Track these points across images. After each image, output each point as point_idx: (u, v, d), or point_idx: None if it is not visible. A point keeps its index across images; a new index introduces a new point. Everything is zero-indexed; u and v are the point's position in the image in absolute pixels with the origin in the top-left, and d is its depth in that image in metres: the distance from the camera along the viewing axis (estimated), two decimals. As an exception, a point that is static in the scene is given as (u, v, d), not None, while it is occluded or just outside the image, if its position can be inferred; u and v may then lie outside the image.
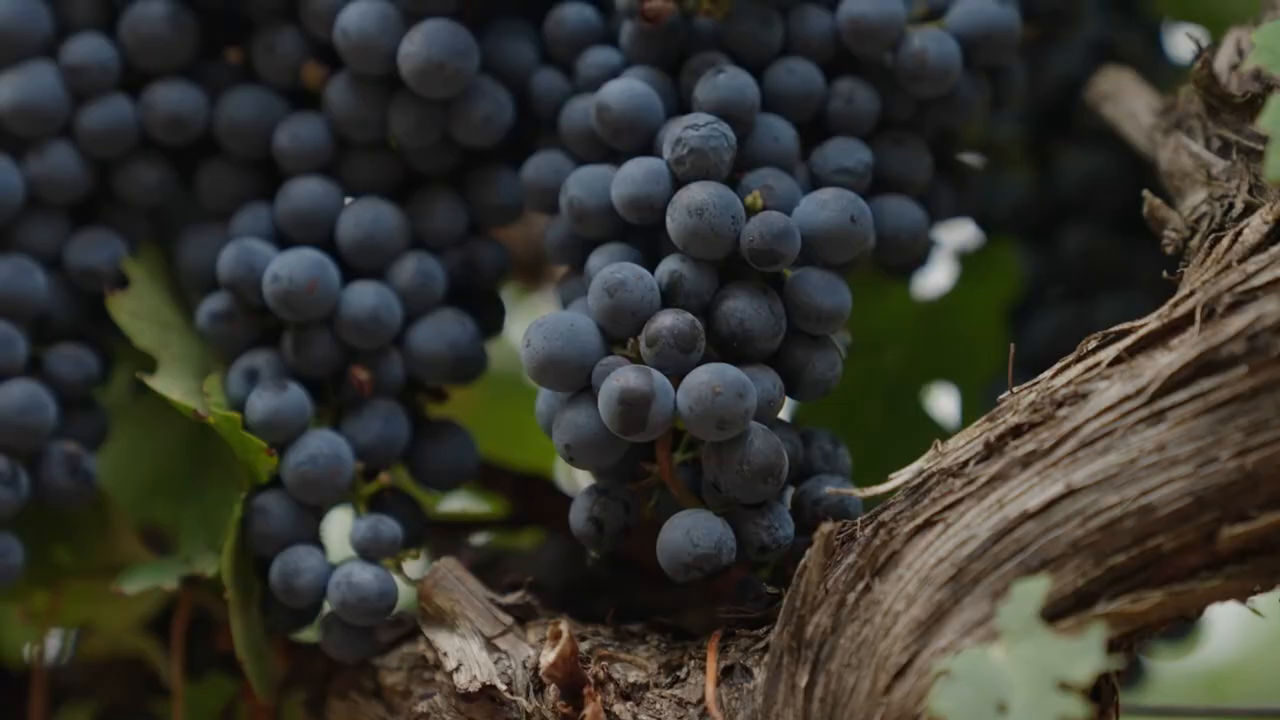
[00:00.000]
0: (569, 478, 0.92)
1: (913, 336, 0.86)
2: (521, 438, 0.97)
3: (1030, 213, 0.87)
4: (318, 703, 0.74)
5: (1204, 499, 0.62)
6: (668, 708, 0.68)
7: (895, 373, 0.86)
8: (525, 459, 0.88)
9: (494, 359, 0.81)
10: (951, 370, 0.86)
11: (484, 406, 1.00)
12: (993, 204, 0.87)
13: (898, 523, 0.65)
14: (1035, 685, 0.58)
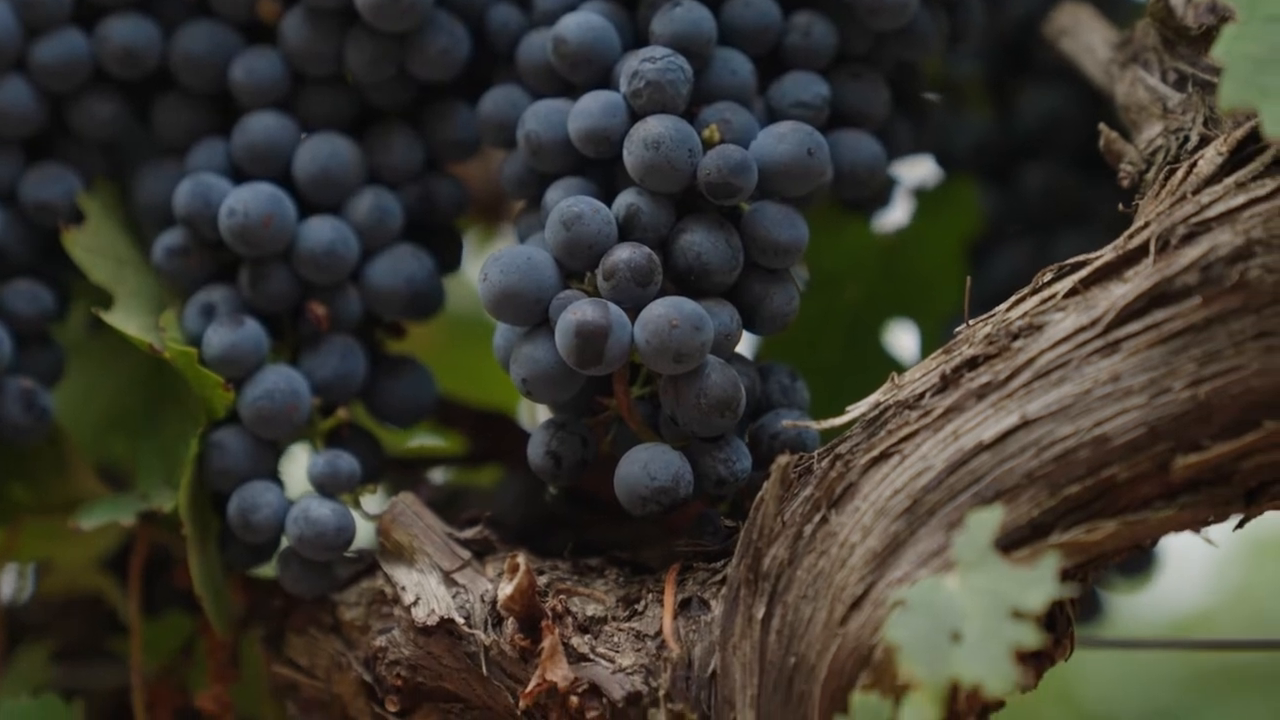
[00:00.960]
0: (530, 416, 0.92)
1: (872, 273, 0.86)
2: (482, 380, 0.97)
3: (990, 151, 0.87)
4: (276, 638, 0.74)
5: (1157, 429, 0.62)
6: (625, 640, 0.68)
7: (855, 309, 0.86)
8: (486, 401, 0.88)
9: (454, 301, 0.81)
10: (911, 307, 0.86)
11: (444, 348, 1.00)
12: (952, 142, 0.87)
13: (854, 455, 0.66)
14: (989, 614, 0.58)
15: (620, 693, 0.66)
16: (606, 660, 0.67)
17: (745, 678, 0.65)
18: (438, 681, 0.69)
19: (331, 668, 0.72)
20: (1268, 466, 0.62)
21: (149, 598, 0.77)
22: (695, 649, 0.66)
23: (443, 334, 1.01)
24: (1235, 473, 0.62)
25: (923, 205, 0.87)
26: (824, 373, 0.81)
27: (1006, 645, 0.57)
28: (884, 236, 0.87)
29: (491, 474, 0.85)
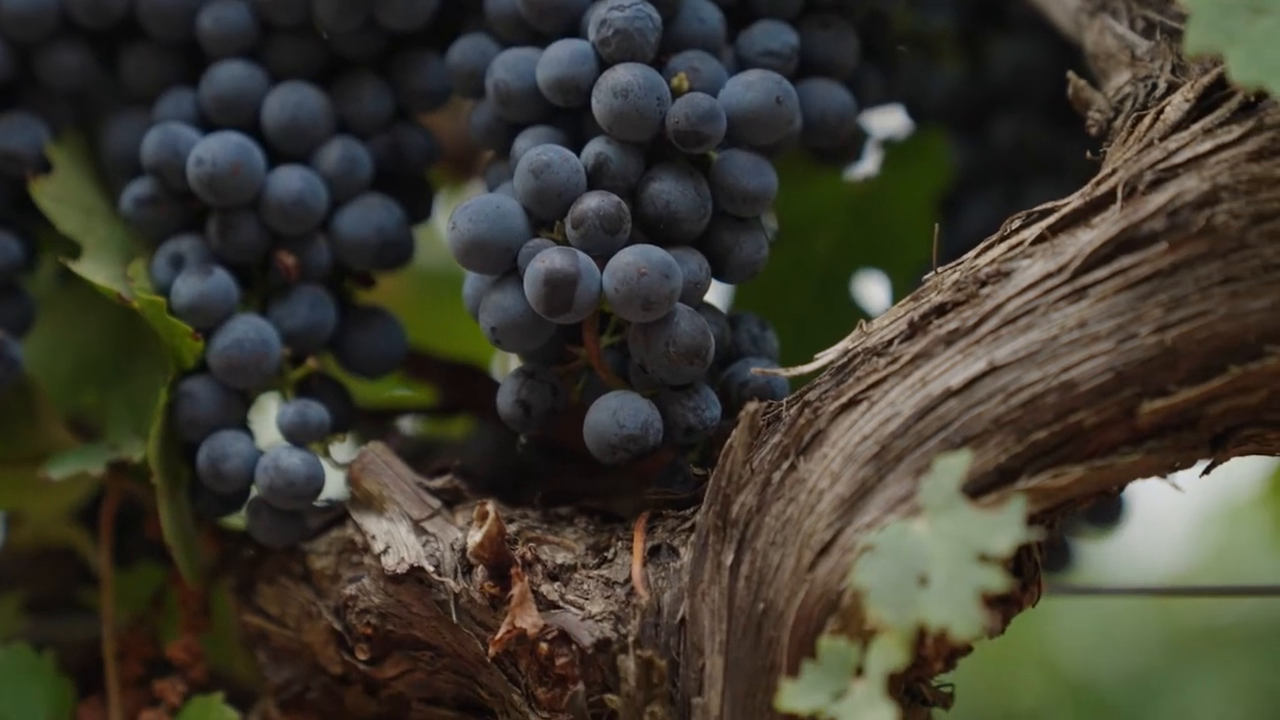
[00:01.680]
0: (503, 369, 0.92)
1: (843, 224, 0.86)
2: (453, 335, 0.97)
3: (961, 103, 0.87)
4: (247, 588, 0.74)
5: (1124, 374, 0.62)
6: (595, 588, 0.68)
7: (826, 260, 0.86)
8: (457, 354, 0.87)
9: (425, 255, 0.81)
10: (881, 258, 0.86)
11: (415, 303, 1.00)
12: (923, 94, 0.87)
13: (823, 402, 0.66)
14: (956, 558, 0.58)
15: (589, 639, 0.66)
16: (576, 607, 0.67)
17: (714, 624, 0.65)
18: (407, 629, 0.70)
19: (302, 616, 0.72)
20: (1234, 412, 0.63)
21: (120, 549, 0.77)
22: (664, 596, 0.67)
23: (414, 288, 1.00)
24: (1201, 418, 0.63)
25: (893, 157, 0.87)
26: (794, 323, 0.81)
27: (973, 589, 0.57)
28: (854, 187, 0.87)
29: (463, 426, 0.85)
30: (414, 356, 0.81)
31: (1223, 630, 2.63)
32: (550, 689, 0.67)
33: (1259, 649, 2.61)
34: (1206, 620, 2.65)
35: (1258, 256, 0.61)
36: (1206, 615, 2.66)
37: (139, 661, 0.74)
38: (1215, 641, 2.61)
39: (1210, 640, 2.61)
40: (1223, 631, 2.63)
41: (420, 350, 0.82)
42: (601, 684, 0.66)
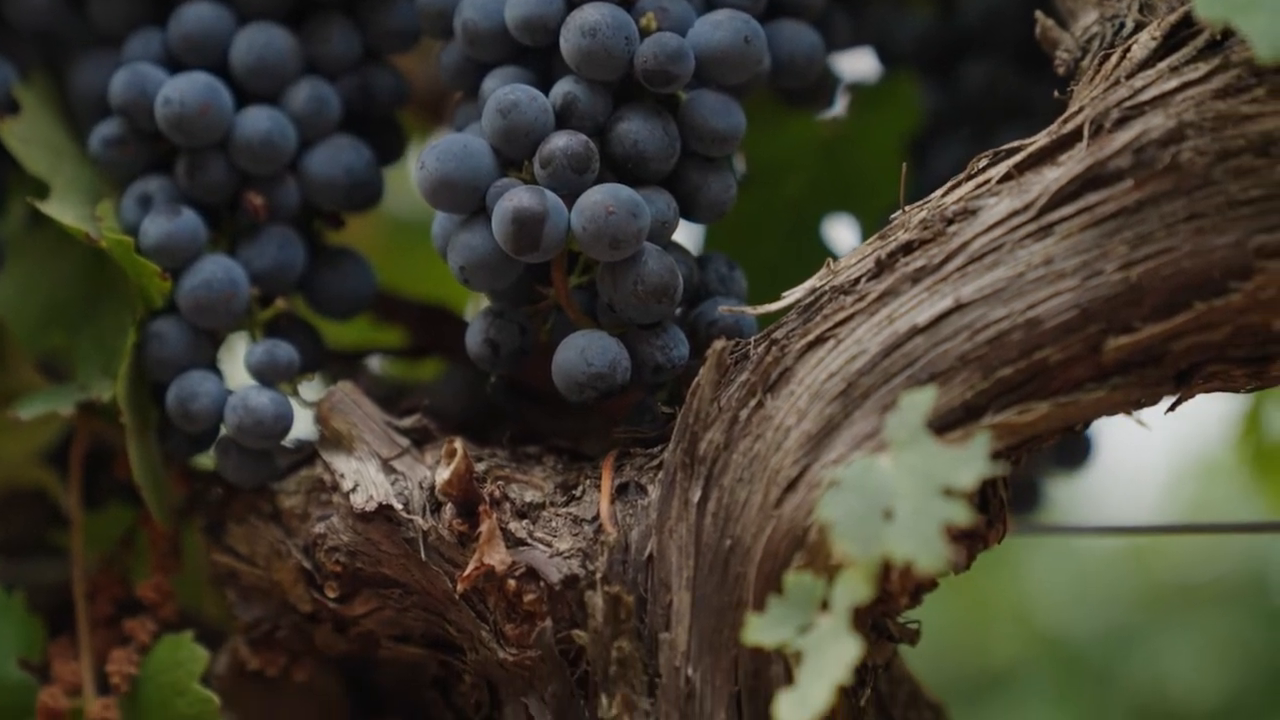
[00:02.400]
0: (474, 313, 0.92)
1: (813, 167, 0.86)
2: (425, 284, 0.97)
3: (931, 46, 0.87)
4: (216, 528, 0.74)
5: (1089, 311, 0.62)
6: (563, 525, 0.68)
7: (796, 203, 0.86)
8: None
9: (398, 204, 0.81)
10: (851, 201, 0.86)
11: (387, 252, 0.99)
12: (893, 38, 0.87)
13: (790, 340, 0.66)
14: (921, 493, 0.59)
15: (557, 576, 0.67)
16: (544, 544, 0.67)
17: (681, 560, 0.65)
18: (376, 567, 0.70)
19: (271, 555, 0.73)
20: (1198, 348, 0.63)
21: (91, 492, 0.77)
22: (632, 533, 0.67)
23: (385, 236, 1.00)
24: (1166, 354, 0.63)
25: (864, 100, 0.87)
26: (765, 266, 0.81)
27: (938, 523, 0.58)
28: (824, 131, 0.87)
29: (433, 369, 0.85)
30: (384, 299, 0.81)
31: (1198, 587, 2.65)
32: (518, 625, 0.67)
33: (1233, 605, 2.62)
34: (1182, 577, 2.66)
35: (1222, 193, 0.62)
36: (1182, 572, 2.67)
37: (109, 601, 0.74)
38: (1190, 597, 2.63)
39: (1185, 596, 2.63)
40: (1198, 588, 2.64)
41: (390, 292, 0.82)
42: (569, 620, 0.66)
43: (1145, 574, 2.71)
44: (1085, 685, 2.64)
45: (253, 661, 0.73)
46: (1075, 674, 2.66)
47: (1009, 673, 2.64)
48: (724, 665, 0.65)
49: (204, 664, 0.70)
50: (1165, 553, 2.70)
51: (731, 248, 0.79)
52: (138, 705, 0.71)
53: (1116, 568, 2.71)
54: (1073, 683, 2.63)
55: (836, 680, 0.57)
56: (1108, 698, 2.62)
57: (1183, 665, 2.54)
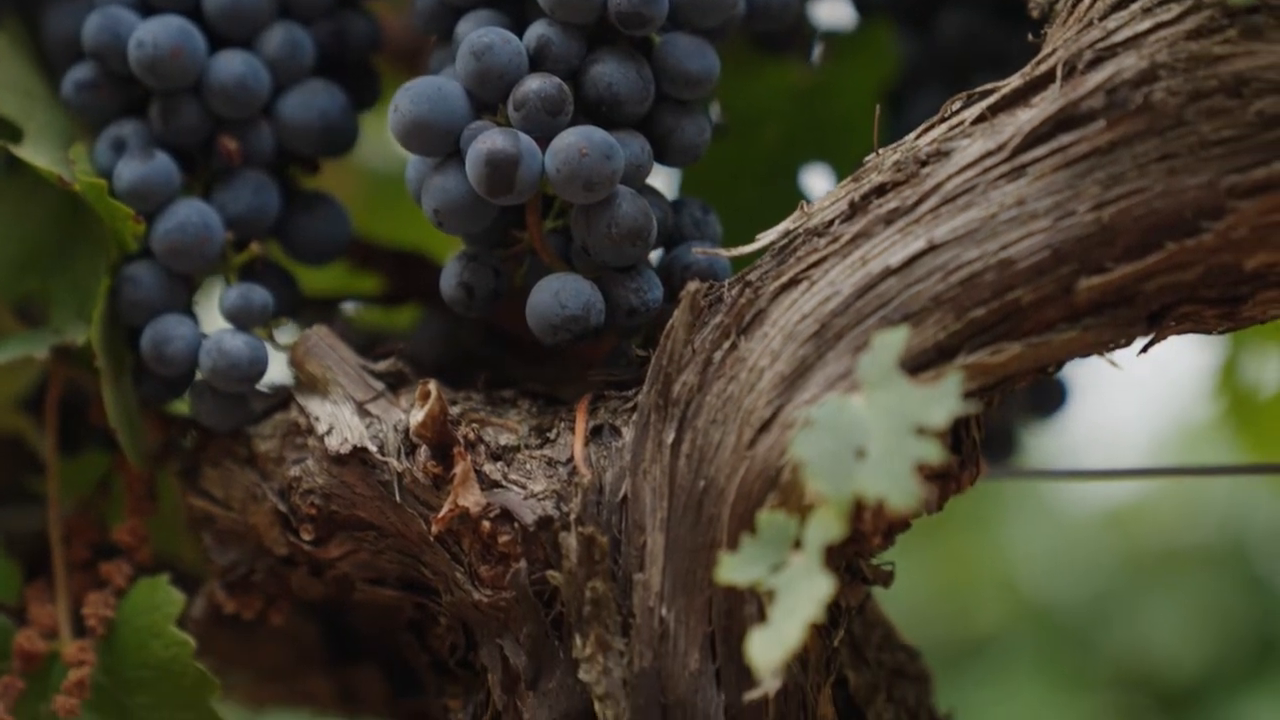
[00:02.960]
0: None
1: (790, 117, 0.86)
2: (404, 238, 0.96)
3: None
4: (191, 472, 0.74)
5: (1062, 252, 0.62)
6: (537, 467, 0.68)
7: (772, 152, 0.86)
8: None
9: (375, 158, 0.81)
10: (828, 151, 0.86)
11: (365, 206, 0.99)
12: (870, -14, 0.87)
13: (763, 282, 0.66)
14: (893, 432, 0.59)
15: (531, 517, 0.67)
16: (518, 486, 0.68)
17: (655, 501, 0.66)
18: (351, 510, 0.70)
19: (247, 499, 0.73)
20: (1170, 288, 0.63)
21: (66, 438, 0.77)
22: (606, 474, 0.67)
23: (363, 190, 1.00)
24: (1138, 294, 0.63)
25: (840, 49, 0.87)
26: (741, 215, 0.81)
27: (910, 462, 0.58)
28: (801, 80, 0.87)
29: (409, 316, 0.85)
30: (360, 245, 0.81)
31: (1179, 553, 2.65)
32: (493, 567, 0.67)
33: (1215, 571, 2.63)
34: (1163, 543, 2.67)
35: (1195, 133, 0.62)
36: (1163, 538, 2.68)
37: (85, 545, 0.74)
38: (1172, 564, 2.63)
39: (1167, 563, 2.63)
40: (1179, 555, 2.65)
41: (366, 239, 0.83)
42: (544, 561, 0.67)
43: (1127, 541, 2.72)
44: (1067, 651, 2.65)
45: (228, 605, 0.73)
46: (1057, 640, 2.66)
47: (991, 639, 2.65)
48: (698, 605, 0.65)
49: (180, 607, 0.70)
50: (1147, 520, 2.71)
51: (708, 196, 0.79)
52: (114, 648, 0.71)
53: (1098, 535, 2.72)
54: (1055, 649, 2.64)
55: (809, 618, 0.57)
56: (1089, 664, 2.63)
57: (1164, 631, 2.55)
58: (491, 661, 0.68)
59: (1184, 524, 2.66)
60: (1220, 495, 2.66)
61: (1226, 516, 2.66)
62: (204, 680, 0.69)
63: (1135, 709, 2.59)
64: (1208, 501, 2.65)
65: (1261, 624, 2.58)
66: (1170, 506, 2.70)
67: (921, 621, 2.43)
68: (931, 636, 2.52)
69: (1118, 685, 2.60)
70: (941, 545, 2.74)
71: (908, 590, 2.53)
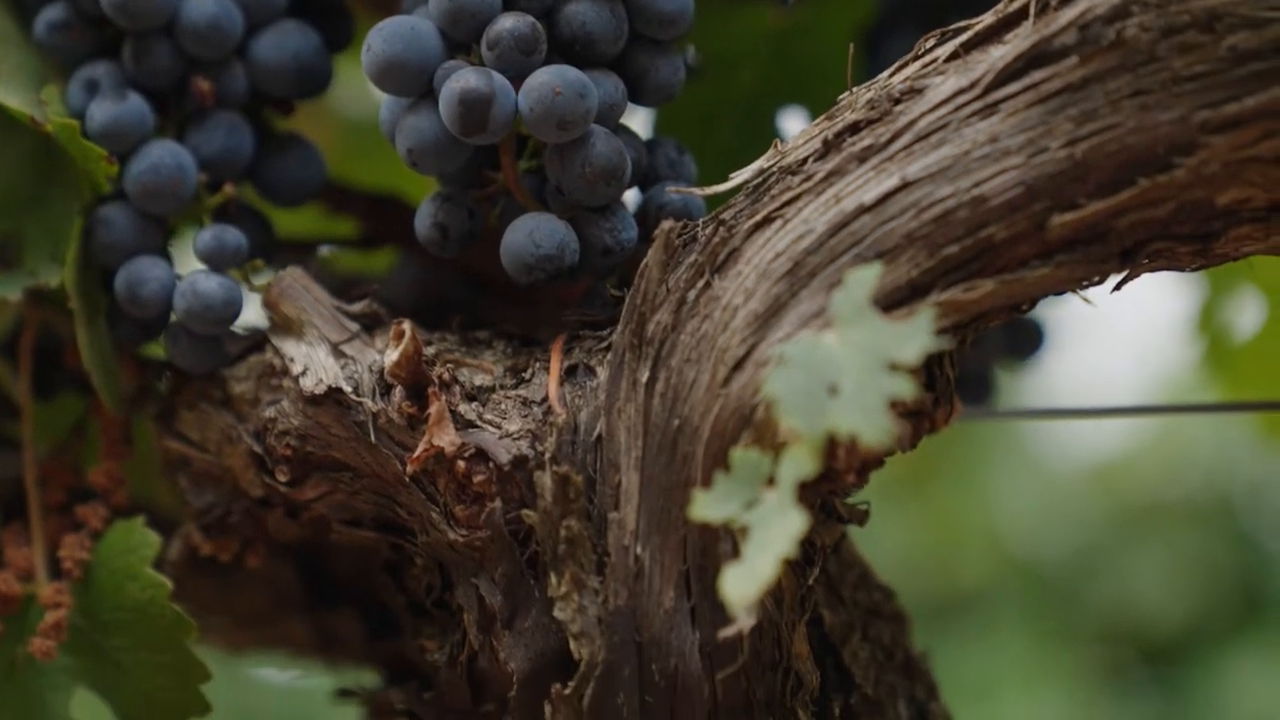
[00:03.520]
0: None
1: (766, 60, 0.85)
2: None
3: (885, -63, 0.87)
4: (167, 414, 0.74)
5: (1035, 188, 0.62)
6: (512, 407, 0.68)
7: (749, 96, 0.86)
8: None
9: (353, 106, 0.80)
10: (804, 94, 0.86)
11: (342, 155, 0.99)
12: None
13: (738, 220, 0.66)
14: (866, 368, 0.59)
15: (506, 456, 0.67)
16: (493, 426, 0.68)
17: (630, 440, 0.66)
18: (327, 451, 0.70)
19: (222, 441, 0.73)
20: (1143, 224, 0.63)
21: (41, 382, 0.77)
22: (581, 414, 0.67)
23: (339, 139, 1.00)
24: (1111, 230, 0.63)
25: (817, -9, 0.87)
26: (717, 158, 0.81)
27: (882, 397, 0.58)
28: (777, 23, 0.86)
29: (386, 259, 0.85)
30: (335, 189, 0.81)
31: (1165, 508, 2.66)
32: (468, 506, 0.67)
33: (1200, 525, 2.64)
34: (1150, 498, 2.67)
35: (1167, 69, 0.62)
36: (1150, 493, 2.69)
37: (61, 489, 0.74)
38: (1157, 519, 2.64)
39: (1152, 518, 2.64)
40: (1165, 509, 2.66)
41: (341, 183, 0.82)
42: (519, 501, 0.67)
43: (1112, 496, 2.72)
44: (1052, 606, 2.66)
45: (205, 547, 0.73)
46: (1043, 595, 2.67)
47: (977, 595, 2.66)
48: (672, 544, 0.65)
49: (156, 549, 0.70)
50: (1132, 475, 2.71)
51: (685, 140, 0.79)
52: (90, 590, 0.71)
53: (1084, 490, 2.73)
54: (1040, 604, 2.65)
55: (782, 553, 0.57)
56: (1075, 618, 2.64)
57: (1150, 586, 2.56)
58: (467, 601, 0.68)
59: (1169, 479, 2.67)
60: (1205, 450, 2.67)
61: (1212, 471, 2.66)
62: (181, 622, 0.69)
63: (1120, 663, 2.60)
64: (1193, 456, 2.66)
65: (1246, 578, 2.59)
66: (1155, 461, 2.70)
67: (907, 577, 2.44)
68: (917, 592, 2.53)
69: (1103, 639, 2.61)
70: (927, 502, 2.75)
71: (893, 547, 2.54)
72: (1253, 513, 2.66)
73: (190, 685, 0.70)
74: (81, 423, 0.76)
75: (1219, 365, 0.97)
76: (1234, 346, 0.97)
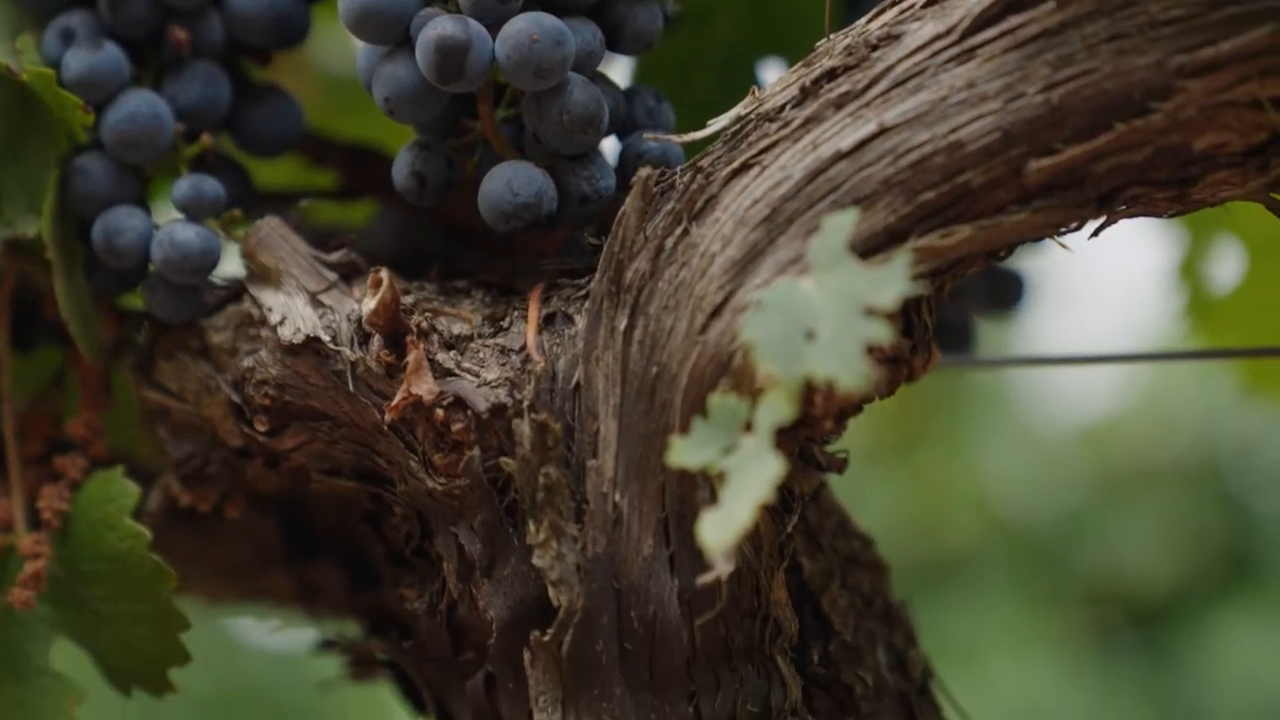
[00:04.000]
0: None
1: (745, 9, 0.85)
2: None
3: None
4: (145, 365, 0.74)
5: (1011, 134, 0.62)
6: (491, 356, 0.68)
7: (727, 46, 0.85)
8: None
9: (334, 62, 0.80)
10: (783, 45, 0.86)
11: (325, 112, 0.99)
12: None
13: (715, 167, 0.66)
14: (843, 313, 0.59)
15: (485, 404, 0.67)
16: (471, 375, 0.68)
17: (608, 388, 0.66)
18: (305, 400, 0.70)
19: (200, 391, 0.73)
20: (1119, 169, 0.63)
21: (21, 334, 0.77)
22: (559, 362, 0.67)
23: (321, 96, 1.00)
24: (1088, 176, 0.63)
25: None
26: (696, 109, 0.81)
27: (859, 342, 0.58)
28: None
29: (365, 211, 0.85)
30: (313, 140, 0.81)
31: (1153, 471, 2.67)
32: (446, 455, 0.67)
33: (1188, 487, 2.65)
34: (1137, 462, 2.68)
35: (1144, 13, 0.62)
36: (1137, 457, 2.69)
37: (40, 440, 0.74)
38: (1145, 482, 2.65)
39: (1141, 480, 2.65)
40: (1153, 472, 2.67)
41: (320, 133, 0.82)
42: (497, 449, 0.67)
43: (1100, 459, 2.73)
44: (1040, 569, 2.67)
45: (184, 498, 0.73)
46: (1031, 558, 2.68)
47: (965, 558, 2.67)
48: (651, 491, 0.65)
49: (135, 499, 0.70)
50: (1120, 438, 2.72)
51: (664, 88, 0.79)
52: (69, 541, 0.71)
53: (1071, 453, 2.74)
54: (1028, 567, 2.66)
55: (759, 498, 0.57)
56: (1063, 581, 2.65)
57: (1137, 548, 2.56)
58: (446, 550, 0.69)
59: (1156, 441, 2.68)
60: (1193, 413, 2.67)
61: (1199, 433, 2.67)
62: (160, 572, 0.69)
63: (1108, 625, 2.61)
64: (1180, 419, 2.67)
65: (1233, 540, 2.60)
66: (1143, 424, 2.71)
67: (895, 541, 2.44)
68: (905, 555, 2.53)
69: (1090, 602, 2.62)
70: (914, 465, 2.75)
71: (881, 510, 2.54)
72: (1240, 475, 2.67)
73: (170, 635, 0.70)
74: (60, 374, 0.76)
75: (1201, 317, 0.97)
76: (1215, 298, 0.97)
